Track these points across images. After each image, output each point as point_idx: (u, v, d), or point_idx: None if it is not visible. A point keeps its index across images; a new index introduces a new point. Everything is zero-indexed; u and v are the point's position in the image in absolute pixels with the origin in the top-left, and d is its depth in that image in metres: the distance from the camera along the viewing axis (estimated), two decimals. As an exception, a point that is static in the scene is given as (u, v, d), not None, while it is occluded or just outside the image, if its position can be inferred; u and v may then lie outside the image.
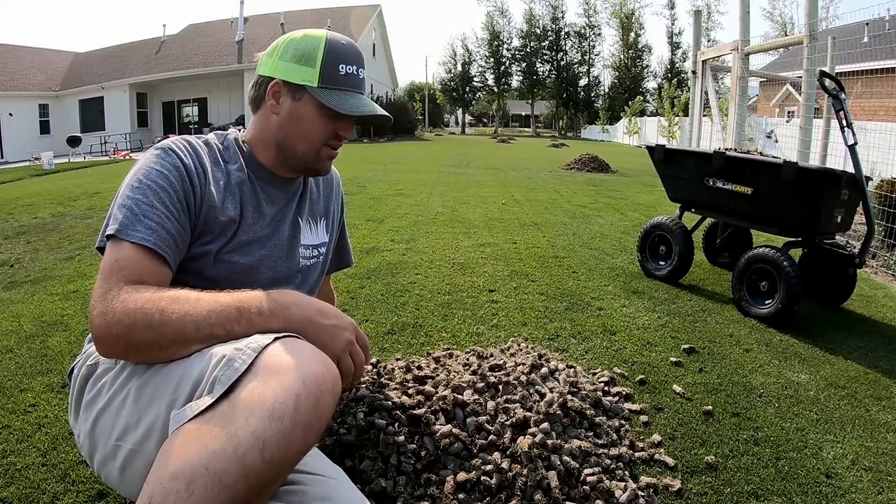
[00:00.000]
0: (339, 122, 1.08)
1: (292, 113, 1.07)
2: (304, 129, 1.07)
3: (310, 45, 1.06)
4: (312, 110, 1.06)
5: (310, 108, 1.05)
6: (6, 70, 21.89)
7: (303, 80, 1.04)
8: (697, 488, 1.30)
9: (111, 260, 0.91)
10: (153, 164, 0.99)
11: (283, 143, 1.09)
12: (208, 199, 1.03)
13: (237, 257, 1.07)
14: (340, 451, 1.24)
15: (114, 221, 0.94)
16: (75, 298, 2.54)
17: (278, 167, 1.14)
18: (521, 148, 19.65)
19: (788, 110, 17.20)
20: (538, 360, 1.61)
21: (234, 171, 1.09)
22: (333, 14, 25.25)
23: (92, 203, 5.51)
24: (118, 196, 0.98)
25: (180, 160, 1.00)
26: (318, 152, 1.10)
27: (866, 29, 11.81)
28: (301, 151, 1.09)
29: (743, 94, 4.99)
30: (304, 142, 1.08)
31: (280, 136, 1.09)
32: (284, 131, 1.08)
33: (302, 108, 1.06)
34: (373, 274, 2.93)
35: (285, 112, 1.07)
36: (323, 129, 1.07)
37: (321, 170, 1.14)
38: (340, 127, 1.09)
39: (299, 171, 1.14)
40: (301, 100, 1.06)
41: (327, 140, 1.09)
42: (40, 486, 1.22)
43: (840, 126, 2.62)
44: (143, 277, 0.90)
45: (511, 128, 60.00)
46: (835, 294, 2.78)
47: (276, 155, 1.11)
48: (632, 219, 4.96)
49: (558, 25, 45.70)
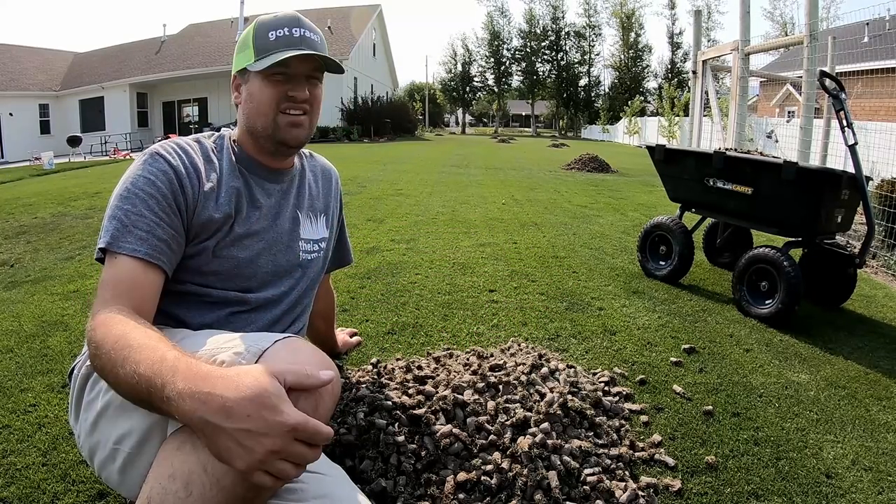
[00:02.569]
0: (285, 84, 1.09)
1: (246, 97, 1.12)
2: (256, 104, 1.10)
3: (246, 34, 1.12)
4: (257, 84, 1.09)
5: (255, 83, 1.10)
6: (6, 70, 21.90)
7: (245, 63, 1.10)
8: (697, 488, 1.30)
9: (105, 275, 0.94)
10: (140, 172, 1.01)
11: (250, 127, 1.13)
12: (202, 198, 1.04)
13: (236, 251, 1.08)
14: (340, 451, 1.24)
15: (105, 234, 0.96)
16: (75, 298, 2.54)
17: (264, 156, 1.16)
18: (522, 148, 19.65)
19: (789, 110, 17.19)
20: (538, 360, 1.61)
21: (227, 166, 1.11)
22: (333, 14, 25.25)
23: (92, 203, 5.51)
24: (109, 206, 1.00)
25: (168, 164, 1.02)
26: (276, 121, 1.11)
27: (866, 29, 11.81)
28: (261, 126, 1.11)
29: (743, 94, 4.99)
30: (260, 116, 1.10)
31: (247, 122, 1.13)
32: (246, 115, 1.13)
33: (250, 87, 1.11)
34: (373, 274, 2.93)
35: (243, 99, 1.13)
36: (271, 96, 1.09)
37: (288, 139, 1.12)
38: (288, 88, 1.09)
39: (273, 150, 1.15)
40: (248, 81, 1.11)
41: (279, 106, 1.10)
42: (40, 485, 1.22)
43: (840, 126, 2.62)
44: (136, 288, 0.93)
45: (511, 128, 59.98)
46: (835, 294, 2.78)
47: (254, 143, 1.15)
48: (632, 219, 4.96)
49: (558, 25, 45.69)
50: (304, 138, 1.15)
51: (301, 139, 1.14)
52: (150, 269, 0.95)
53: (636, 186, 7.77)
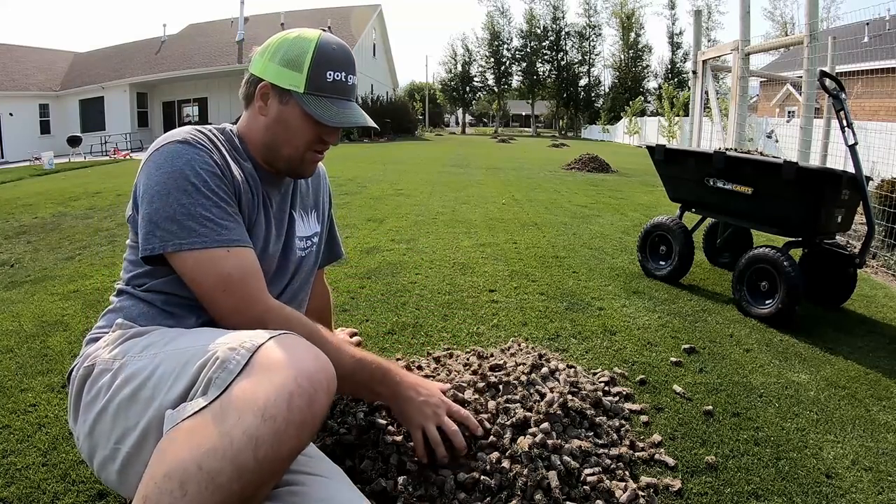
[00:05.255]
0: (325, 128, 1.07)
1: (279, 117, 1.07)
2: (289, 134, 1.07)
3: (300, 49, 1.05)
4: (298, 116, 1.05)
5: (296, 113, 1.05)
6: (6, 70, 21.91)
7: (290, 84, 1.04)
8: (698, 488, 1.29)
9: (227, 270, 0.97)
10: (194, 164, 0.98)
11: (269, 144, 1.10)
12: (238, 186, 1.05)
13: None
14: (340, 451, 1.24)
15: (190, 233, 0.95)
16: (75, 298, 2.54)
17: (268, 164, 1.15)
18: (522, 148, 19.64)
19: (789, 110, 17.19)
20: (538, 360, 1.61)
21: (247, 167, 1.10)
22: (333, 14, 25.27)
23: (92, 203, 5.51)
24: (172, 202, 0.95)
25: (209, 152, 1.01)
26: (303, 157, 1.10)
27: (867, 29, 11.81)
28: (286, 154, 1.10)
29: (743, 94, 4.99)
30: (289, 146, 1.08)
31: (267, 137, 1.10)
32: (271, 133, 1.09)
33: (288, 112, 1.06)
34: (373, 274, 2.93)
35: (273, 115, 1.07)
36: (308, 135, 1.07)
37: (304, 173, 1.14)
38: (325, 133, 1.08)
39: (282, 171, 1.14)
40: (287, 104, 1.06)
41: (312, 146, 1.09)
42: (40, 486, 1.22)
43: (840, 126, 2.62)
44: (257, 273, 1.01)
45: (511, 128, 59.97)
46: (835, 294, 2.78)
47: (265, 154, 1.13)
48: (632, 219, 4.96)
49: (558, 25, 45.71)
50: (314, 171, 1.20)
51: (313, 172, 1.19)
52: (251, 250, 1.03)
53: (636, 186, 7.77)
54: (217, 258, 0.95)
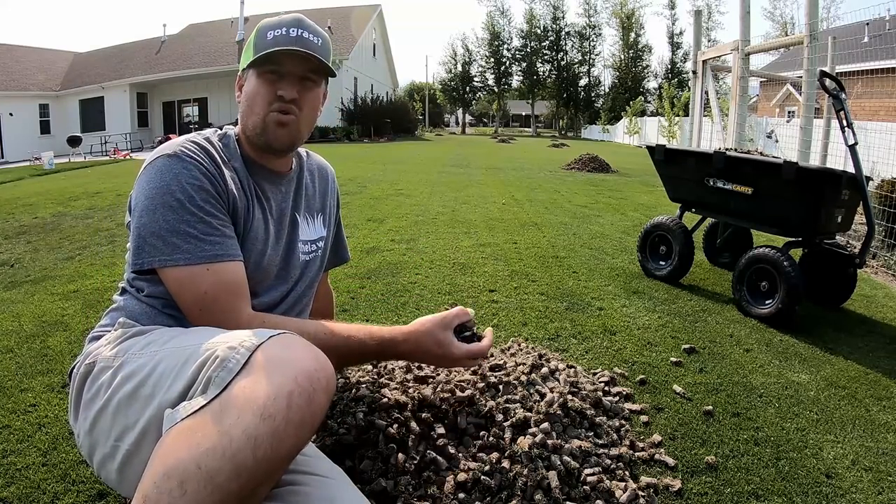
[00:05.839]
0: (277, 83, 1.07)
1: (244, 95, 1.11)
2: (250, 103, 1.10)
3: (251, 35, 1.12)
4: (252, 82, 1.09)
5: (251, 81, 1.09)
6: (6, 70, 21.90)
7: (245, 62, 1.10)
8: (698, 488, 1.30)
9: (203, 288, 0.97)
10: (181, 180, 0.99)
11: (245, 125, 1.12)
12: (231, 194, 1.05)
13: (244, 254, 1.07)
14: (340, 451, 1.24)
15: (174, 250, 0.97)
16: (75, 298, 2.54)
17: (263, 158, 1.15)
18: (522, 148, 19.64)
19: (789, 110, 17.18)
20: (538, 360, 1.61)
21: (239, 169, 1.10)
22: (333, 14, 25.23)
23: (92, 203, 5.52)
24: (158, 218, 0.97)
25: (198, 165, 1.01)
26: (265, 120, 1.08)
27: (867, 29, 11.80)
28: (252, 125, 1.10)
29: (743, 94, 4.98)
30: (252, 115, 1.10)
31: (243, 120, 1.12)
32: (242, 114, 1.12)
33: (247, 85, 1.10)
34: (373, 274, 2.93)
35: (241, 97, 1.12)
36: (263, 94, 1.08)
37: (272, 140, 1.10)
38: (279, 87, 1.08)
39: (263, 149, 1.13)
40: (247, 79, 1.11)
41: (270, 105, 1.08)
42: (40, 485, 1.22)
43: (840, 126, 2.62)
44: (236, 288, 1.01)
45: (511, 128, 59.96)
46: (835, 294, 2.78)
47: (248, 140, 1.13)
48: (632, 219, 4.96)
49: (559, 25, 45.68)
50: (290, 141, 1.11)
51: (286, 142, 1.11)
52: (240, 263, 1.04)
53: (636, 186, 7.77)
54: (196, 276, 0.97)
